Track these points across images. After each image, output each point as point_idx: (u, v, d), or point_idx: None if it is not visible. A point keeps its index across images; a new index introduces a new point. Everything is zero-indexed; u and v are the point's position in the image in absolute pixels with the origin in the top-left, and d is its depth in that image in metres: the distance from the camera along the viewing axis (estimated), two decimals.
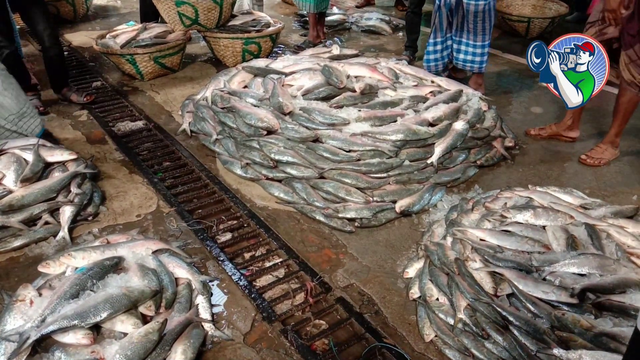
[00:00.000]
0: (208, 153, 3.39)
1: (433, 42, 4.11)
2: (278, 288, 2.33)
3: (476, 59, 4.05)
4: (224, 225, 2.75)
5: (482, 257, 2.14)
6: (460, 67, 4.24)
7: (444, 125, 3.07)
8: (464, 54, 4.07)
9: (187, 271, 2.24)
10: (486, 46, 4.02)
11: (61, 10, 6.04)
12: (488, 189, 2.97)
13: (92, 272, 2.01)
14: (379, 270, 2.41)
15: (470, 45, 4.02)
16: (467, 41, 4.01)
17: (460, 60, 4.12)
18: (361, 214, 2.67)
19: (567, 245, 2.13)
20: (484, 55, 4.05)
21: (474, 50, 4.03)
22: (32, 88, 3.93)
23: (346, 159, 2.84)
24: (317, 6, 5.13)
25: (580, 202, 2.55)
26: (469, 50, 4.04)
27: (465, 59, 4.08)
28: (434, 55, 4.17)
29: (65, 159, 2.94)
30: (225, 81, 3.64)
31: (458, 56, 4.11)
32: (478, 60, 4.06)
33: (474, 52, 4.04)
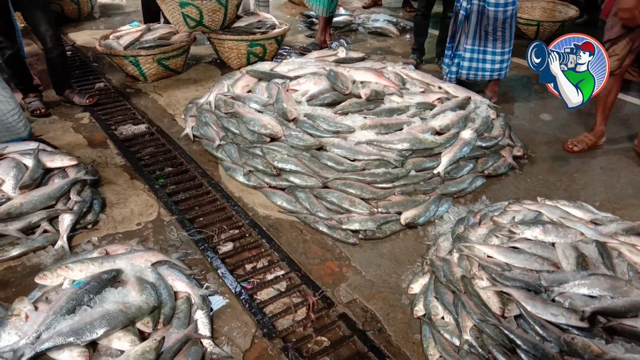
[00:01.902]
0: (210, 159, 3.34)
1: (465, 48, 3.98)
2: (279, 302, 2.28)
3: (497, 66, 3.95)
4: (225, 234, 2.70)
5: (489, 276, 2.08)
6: (483, 79, 4.08)
7: (451, 134, 3.01)
8: (491, 64, 3.94)
9: (186, 284, 2.19)
10: (509, 52, 3.93)
11: (65, 8, 6.01)
12: (496, 200, 2.91)
13: (89, 287, 1.97)
14: (383, 285, 2.36)
15: (498, 53, 3.90)
16: (493, 49, 3.89)
17: (487, 71, 3.99)
18: (365, 226, 2.62)
19: (577, 265, 2.07)
20: (506, 61, 3.96)
21: (499, 57, 3.91)
22: (34, 89, 3.90)
23: (351, 169, 2.79)
24: (328, 9, 5.09)
25: (590, 217, 2.48)
26: (496, 59, 3.92)
27: (493, 67, 3.96)
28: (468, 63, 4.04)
29: (66, 164, 2.89)
30: (229, 85, 3.59)
31: (485, 66, 3.97)
32: (498, 68, 3.96)
33: (494, 60, 3.93)
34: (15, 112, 3.03)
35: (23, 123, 3.12)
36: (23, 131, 3.12)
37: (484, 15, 3.74)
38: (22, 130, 3.12)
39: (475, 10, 3.75)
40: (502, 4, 3.60)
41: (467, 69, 4.00)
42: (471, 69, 4.00)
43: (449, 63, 4.06)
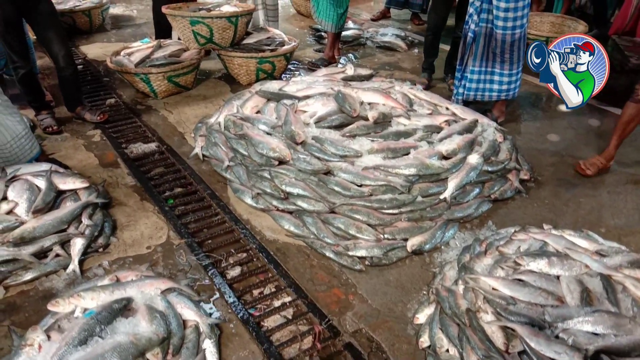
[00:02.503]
0: (219, 179, 3.38)
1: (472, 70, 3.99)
2: (286, 330, 2.32)
3: (504, 87, 3.94)
4: (234, 258, 2.74)
5: (494, 309, 2.10)
6: (490, 99, 4.08)
7: (458, 159, 3.04)
8: (498, 84, 3.94)
9: (195, 313, 2.23)
10: (518, 73, 3.93)
11: (77, 21, 6.09)
12: (502, 226, 2.93)
13: (101, 317, 2.01)
14: (389, 315, 2.38)
15: (506, 74, 3.89)
16: (500, 71, 3.89)
17: (495, 92, 3.98)
18: (372, 253, 2.65)
19: (581, 300, 2.08)
20: (515, 82, 3.95)
21: (507, 78, 3.91)
22: (47, 106, 3.96)
23: (358, 194, 2.82)
24: (337, 25, 5.13)
25: (595, 247, 2.50)
26: (504, 80, 3.92)
27: (500, 88, 3.95)
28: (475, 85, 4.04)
29: (77, 187, 2.94)
30: (238, 106, 3.63)
31: (492, 87, 3.97)
32: (505, 89, 3.96)
33: (502, 81, 3.92)
34: (23, 135, 3.08)
35: (31, 144, 3.16)
36: (31, 152, 3.17)
37: (492, 38, 3.76)
38: (30, 151, 3.16)
39: (483, 33, 3.77)
40: (510, 27, 3.61)
41: (475, 90, 4.01)
42: (478, 90, 4.01)
43: (457, 85, 4.09)
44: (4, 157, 3.02)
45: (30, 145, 3.16)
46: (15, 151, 3.06)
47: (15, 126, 3.03)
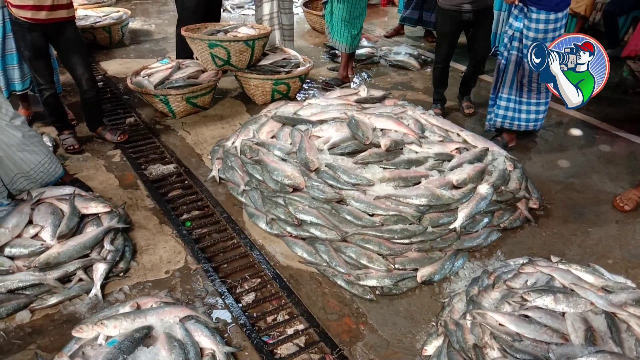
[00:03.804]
0: (235, 203, 3.48)
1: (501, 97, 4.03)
2: (298, 359, 2.40)
3: (532, 116, 3.96)
4: (248, 284, 2.84)
5: (500, 346, 2.17)
6: (518, 128, 4.08)
7: (468, 189, 3.10)
8: (526, 114, 3.97)
9: (211, 341, 2.32)
10: (546, 103, 3.95)
11: (97, 37, 6.26)
12: (510, 255, 2.99)
13: (124, 346, 2.11)
14: (398, 346, 2.46)
15: (533, 103, 3.92)
16: (528, 100, 3.92)
17: (523, 121, 4.00)
18: (382, 283, 2.73)
19: (585, 339, 2.15)
20: (542, 112, 3.97)
21: (534, 107, 3.93)
22: (69, 126, 4.09)
23: (369, 224, 2.90)
24: (351, 46, 5.22)
25: (601, 283, 2.55)
26: (531, 109, 3.94)
27: (528, 118, 3.97)
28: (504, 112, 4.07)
29: (100, 211, 3.06)
30: (255, 130, 3.73)
31: (521, 116, 3.99)
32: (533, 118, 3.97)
33: (529, 110, 3.94)
34: (46, 162, 3.21)
35: (55, 167, 3.29)
36: (55, 174, 3.30)
37: (520, 66, 3.81)
38: (55, 173, 3.29)
39: (513, 61, 3.83)
40: None
41: (503, 117, 4.06)
42: (506, 117, 4.05)
43: (490, 111, 4.15)
44: (30, 181, 3.16)
45: (54, 167, 3.28)
46: (40, 175, 3.19)
47: (38, 154, 3.15)
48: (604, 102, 5.16)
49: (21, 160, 3.07)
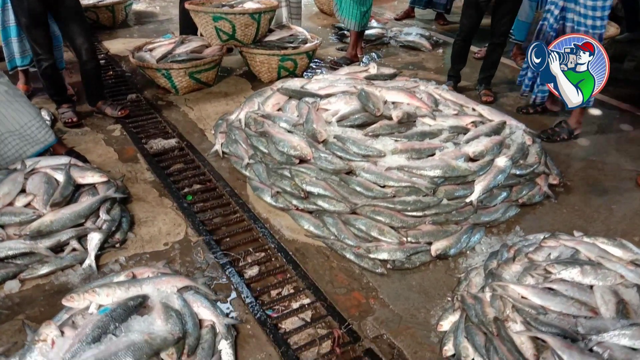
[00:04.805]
0: (239, 177, 3.32)
1: None
2: (304, 333, 2.24)
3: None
4: (252, 257, 2.68)
5: (523, 319, 2.00)
6: None
7: (486, 162, 2.93)
8: None
9: (211, 313, 2.16)
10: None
11: (100, 16, 6.11)
12: (530, 232, 2.81)
13: (115, 314, 1.96)
14: (412, 320, 2.29)
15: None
16: None
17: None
18: (394, 256, 2.56)
19: (617, 312, 1.97)
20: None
21: None
22: (68, 100, 3.95)
23: (380, 195, 2.73)
24: (360, 24, 5.05)
25: (630, 256, 2.37)
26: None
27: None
28: None
29: (96, 181, 2.91)
30: (260, 103, 3.57)
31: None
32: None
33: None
34: (33, 123, 3.06)
35: (45, 131, 3.14)
36: (47, 139, 3.15)
37: None
38: (46, 138, 3.14)
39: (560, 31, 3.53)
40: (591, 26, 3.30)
41: None
42: None
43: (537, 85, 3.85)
44: (22, 139, 3.01)
45: (44, 133, 3.13)
46: (32, 136, 3.04)
47: (25, 115, 3.02)
48: (623, 82, 4.96)
49: (5, 117, 2.93)
